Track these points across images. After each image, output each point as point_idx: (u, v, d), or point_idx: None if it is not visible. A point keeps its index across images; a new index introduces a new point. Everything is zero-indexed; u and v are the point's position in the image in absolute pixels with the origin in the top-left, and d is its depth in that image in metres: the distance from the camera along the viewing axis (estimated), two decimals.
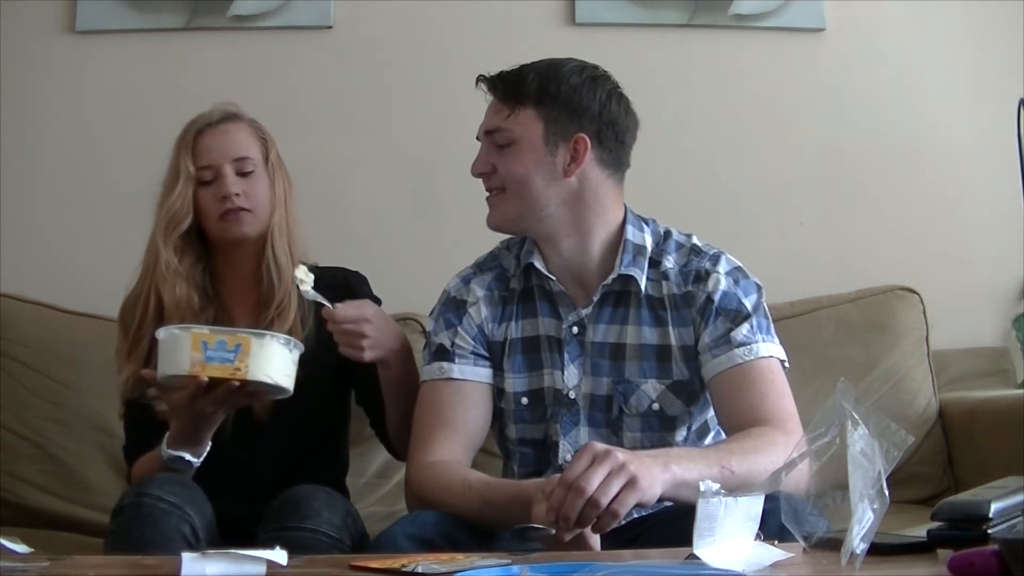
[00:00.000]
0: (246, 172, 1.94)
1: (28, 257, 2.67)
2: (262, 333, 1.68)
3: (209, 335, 1.64)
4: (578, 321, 1.77)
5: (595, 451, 1.42)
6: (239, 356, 1.63)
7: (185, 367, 1.63)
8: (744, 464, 1.50)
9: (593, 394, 1.75)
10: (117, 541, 1.65)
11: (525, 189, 1.74)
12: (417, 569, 1.19)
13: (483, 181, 1.80)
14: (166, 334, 1.68)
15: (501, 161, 1.76)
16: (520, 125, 1.74)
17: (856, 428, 1.16)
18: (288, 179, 2.02)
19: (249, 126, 2.00)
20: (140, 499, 1.66)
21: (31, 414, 2.39)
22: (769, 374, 1.69)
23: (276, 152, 2.01)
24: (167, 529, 1.63)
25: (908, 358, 2.52)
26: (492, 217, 1.80)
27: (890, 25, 2.86)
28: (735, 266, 1.78)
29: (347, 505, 1.75)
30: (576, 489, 1.38)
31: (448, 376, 1.77)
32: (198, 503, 1.70)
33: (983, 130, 2.76)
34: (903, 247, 2.80)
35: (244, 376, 1.64)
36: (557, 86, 1.74)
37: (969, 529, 1.17)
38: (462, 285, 1.84)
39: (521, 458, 1.80)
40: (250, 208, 1.92)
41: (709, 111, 2.83)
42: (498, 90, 1.77)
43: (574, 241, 1.77)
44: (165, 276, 1.92)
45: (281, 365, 1.67)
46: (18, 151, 2.72)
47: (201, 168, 1.94)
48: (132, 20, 2.75)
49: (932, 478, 2.45)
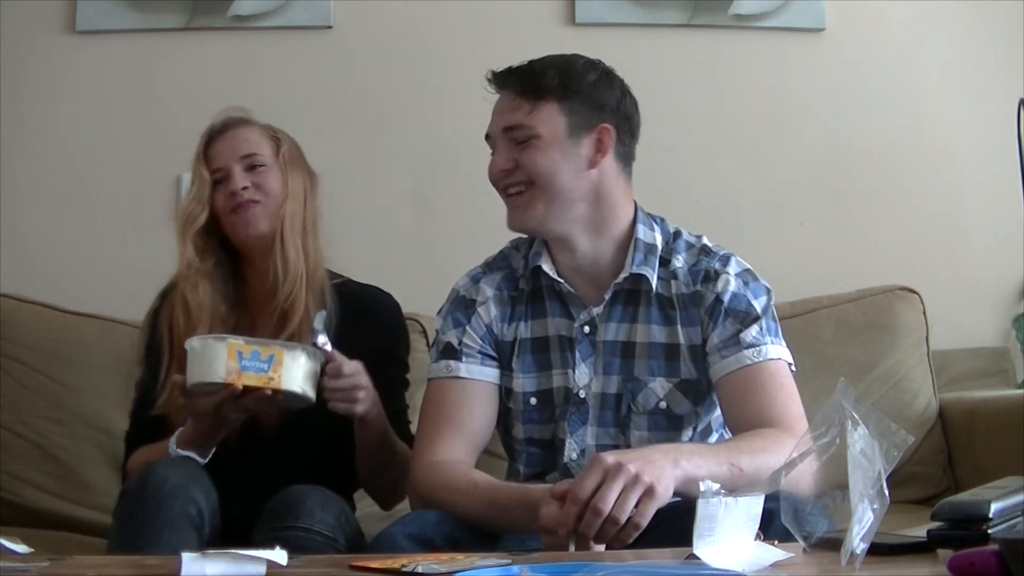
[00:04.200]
0: (255, 167, 1.97)
1: (28, 257, 2.67)
2: (293, 345, 1.76)
3: (244, 345, 1.72)
4: (589, 320, 1.76)
5: (606, 465, 1.41)
6: (273, 366, 1.72)
7: (221, 375, 1.70)
8: (753, 462, 1.49)
9: (603, 393, 1.75)
10: (123, 523, 1.66)
11: (552, 182, 1.72)
12: (417, 569, 1.19)
13: (501, 181, 1.75)
14: (201, 343, 1.73)
15: (524, 157, 1.73)
16: (542, 120, 1.72)
17: (856, 428, 1.15)
18: (309, 175, 2.03)
19: (257, 126, 2.03)
20: (146, 480, 1.68)
21: (31, 414, 2.39)
22: (778, 376, 1.69)
23: (292, 148, 2.03)
24: (173, 509, 1.65)
25: (908, 358, 2.52)
26: (515, 217, 1.76)
27: (890, 25, 2.86)
28: (745, 268, 1.78)
29: (341, 504, 1.75)
30: (593, 510, 1.38)
31: (455, 375, 1.76)
32: (204, 486, 1.72)
33: (983, 130, 2.76)
34: (903, 247, 2.80)
35: (277, 385, 1.72)
36: (577, 80, 1.73)
37: (969, 529, 1.17)
38: (471, 284, 1.84)
39: (527, 458, 1.80)
40: (259, 200, 1.94)
41: (709, 111, 2.83)
42: (515, 85, 1.74)
43: (589, 238, 1.76)
44: (187, 275, 1.95)
45: (308, 376, 1.76)
46: (18, 151, 2.72)
47: (214, 171, 1.97)
48: (132, 20, 2.75)
49: (932, 478, 2.45)
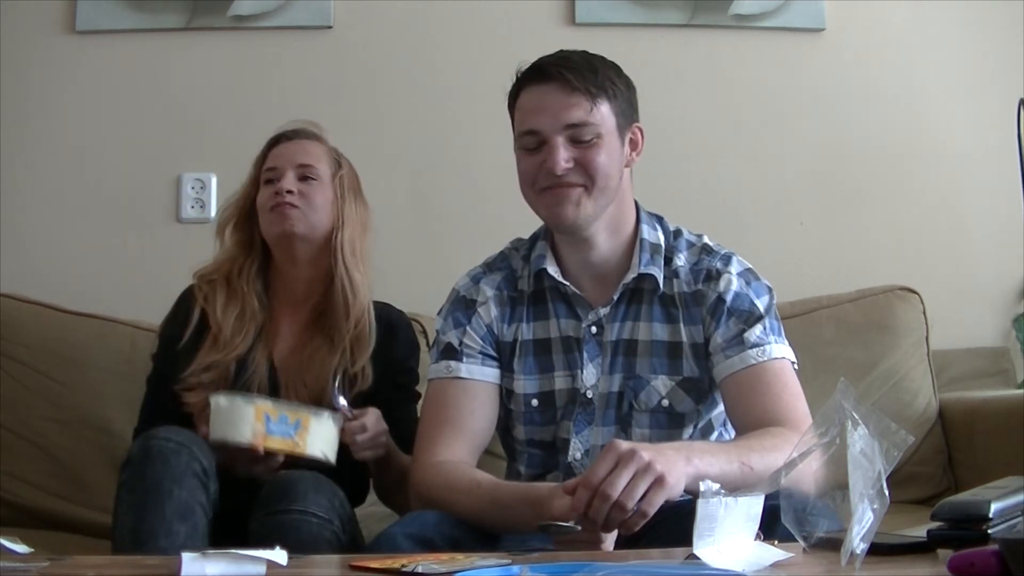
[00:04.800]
0: (308, 178, 2.01)
1: (28, 257, 2.67)
2: (320, 411, 1.79)
3: (272, 409, 1.74)
4: (596, 321, 1.77)
5: (619, 451, 1.41)
6: (299, 432, 1.74)
7: (247, 437, 1.73)
8: (764, 461, 1.49)
9: (608, 392, 1.75)
10: (131, 487, 1.68)
11: (608, 183, 1.72)
12: (417, 569, 1.19)
13: (560, 179, 1.70)
14: (228, 401, 1.75)
15: (588, 156, 1.70)
16: (603, 118, 1.71)
17: (856, 428, 1.16)
18: (366, 207, 2.08)
19: (323, 144, 2.08)
20: (149, 442, 1.70)
21: (31, 414, 2.39)
22: (783, 376, 1.69)
23: (351, 176, 2.07)
24: (179, 465, 1.68)
25: (908, 358, 2.52)
26: (565, 213, 1.71)
27: (890, 25, 2.86)
28: (746, 267, 1.78)
29: (334, 487, 1.75)
30: (602, 495, 1.38)
31: (456, 375, 1.76)
32: (203, 447, 1.74)
33: (983, 130, 2.76)
34: (903, 247, 2.80)
35: (302, 452, 1.75)
36: (619, 78, 1.74)
37: (969, 529, 1.17)
38: (472, 284, 1.84)
39: (528, 459, 1.80)
40: (300, 206, 1.98)
41: (709, 111, 2.83)
42: (572, 80, 1.69)
43: (607, 237, 1.77)
44: (226, 267, 2.02)
45: (333, 440, 1.79)
46: (18, 151, 2.72)
47: (268, 170, 2.02)
48: (132, 20, 2.75)
49: (932, 478, 2.45)
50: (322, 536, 1.65)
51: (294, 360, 1.99)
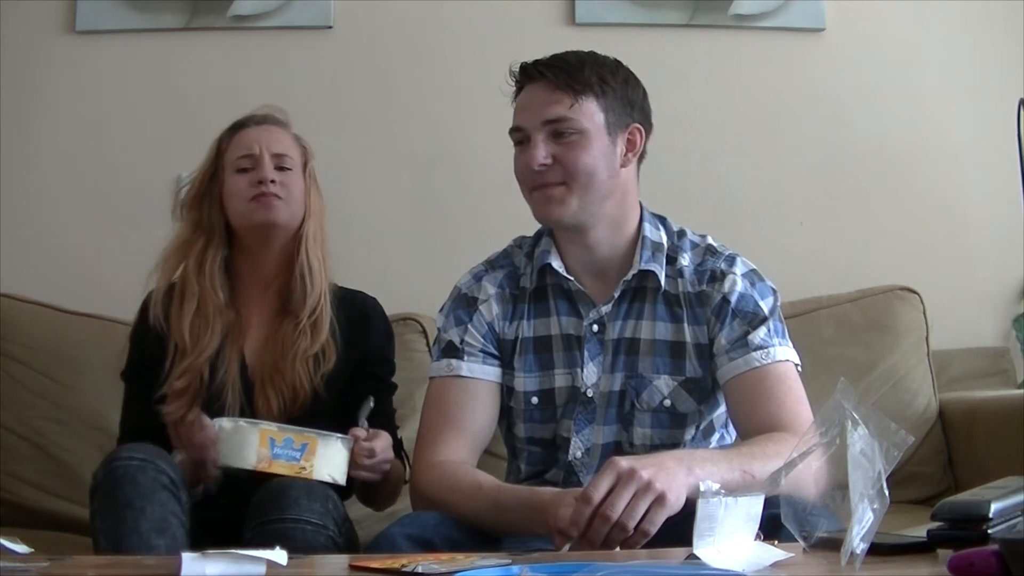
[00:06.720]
0: (284, 167, 1.99)
1: (28, 257, 2.67)
2: (327, 434, 1.76)
3: (277, 432, 1.73)
4: (598, 319, 1.76)
5: (619, 470, 1.40)
6: (305, 455, 1.73)
7: (252, 462, 1.72)
8: (765, 468, 1.48)
9: (610, 390, 1.75)
10: (104, 510, 1.67)
11: (593, 181, 1.71)
12: (417, 569, 1.19)
13: (538, 177, 1.71)
14: (232, 425, 1.75)
15: (566, 153, 1.70)
16: (585, 115, 1.70)
17: (856, 428, 1.16)
18: (321, 199, 2.06)
19: (292, 133, 2.06)
20: (111, 466, 1.68)
21: (31, 414, 2.39)
22: (787, 379, 1.69)
23: (313, 167, 2.06)
24: (146, 482, 1.66)
25: (908, 358, 2.52)
26: (547, 210, 1.72)
27: (890, 25, 2.86)
28: (751, 268, 1.78)
29: (326, 490, 1.75)
30: (602, 516, 1.38)
31: (457, 373, 1.76)
32: (167, 459, 1.73)
33: (983, 130, 2.76)
34: (903, 247, 2.80)
35: (309, 475, 1.73)
36: (612, 77, 1.73)
37: (969, 529, 1.17)
38: (474, 282, 1.83)
39: (529, 457, 1.80)
40: (283, 197, 1.97)
41: (709, 111, 2.83)
42: (554, 78, 1.71)
43: (608, 236, 1.76)
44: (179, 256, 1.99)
45: (340, 462, 1.77)
46: (18, 151, 2.72)
47: (241, 157, 1.99)
48: (132, 20, 2.75)
49: (932, 478, 2.45)
50: (317, 542, 1.65)
51: (267, 352, 1.97)
